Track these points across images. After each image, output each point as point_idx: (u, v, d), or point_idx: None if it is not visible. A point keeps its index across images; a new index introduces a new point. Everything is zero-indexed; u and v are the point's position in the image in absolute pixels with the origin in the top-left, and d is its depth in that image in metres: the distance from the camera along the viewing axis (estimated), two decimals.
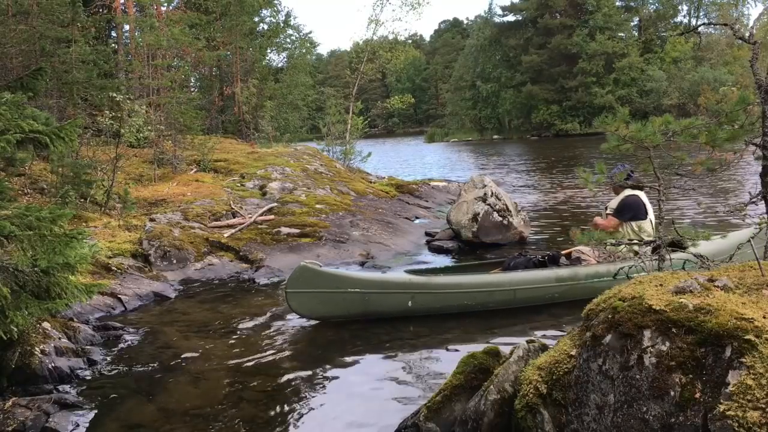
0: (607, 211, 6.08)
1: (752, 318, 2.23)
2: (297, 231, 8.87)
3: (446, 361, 4.45)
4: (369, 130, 22.95)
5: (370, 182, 14.66)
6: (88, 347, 4.95)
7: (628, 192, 5.86)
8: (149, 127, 13.02)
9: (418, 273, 6.02)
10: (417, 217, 11.34)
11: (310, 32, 63.79)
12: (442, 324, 5.45)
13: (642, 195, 5.89)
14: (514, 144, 47.03)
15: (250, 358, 4.79)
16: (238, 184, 11.80)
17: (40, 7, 11.72)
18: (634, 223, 5.81)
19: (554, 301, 5.67)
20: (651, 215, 5.85)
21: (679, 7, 55.98)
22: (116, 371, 4.64)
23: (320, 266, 5.60)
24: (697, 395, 2.19)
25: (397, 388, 4.13)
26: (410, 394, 4.01)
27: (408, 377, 4.32)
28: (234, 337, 5.34)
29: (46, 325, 4.74)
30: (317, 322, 5.63)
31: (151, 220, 8.77)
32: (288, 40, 28.70)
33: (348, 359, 4.74)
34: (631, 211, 5.82)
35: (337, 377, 4.39)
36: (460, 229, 8.72)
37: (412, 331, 5.31)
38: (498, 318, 5.51)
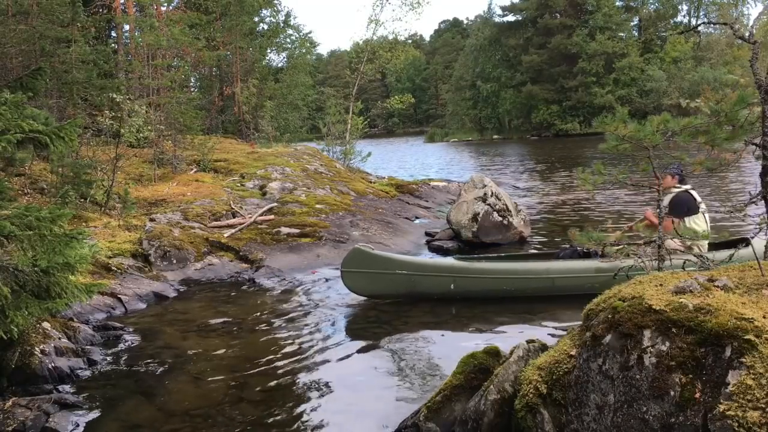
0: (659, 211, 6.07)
1: (752, 318, 2.23)
2: (297, 231, 8.86)
3: (446, 361, 4.45)
4: (369, 130, 22.94)
5: (370, 182, 14.65)
6: (88, 347, 4.95)
7: (677, 189, 5.86)
8: (149, 127, 13.01)
9: (463, 258, 6.36)
10: (417, 217, 11.33)
11: (310, 32, 63.66)
12: (443, 323, 5.45)
13: (691, 189, 5.89)
14: (514, 144, 47.03)
15: (250, 357, 4.79)
16: (238, 184, 11.80)
17: (40, 7, 11.72)
18: (688, 219, 5.79)
19: (594, 291, 5.68)
20: (704, 208, 5.84)
21: (679, 7, 55.98)
22: (116, 371, 4.64)
23: (372, 249, 6.27)
24: (697, 395, 2.19)
25: (397, 388, 4.13)
26: (410, 394, 4.01)
27: (408, 377, 4.32)
28: (234, 337, 5.34)
29: (46, 325, 4.74)
30: (317, 321, 5.64)
31: (151, 220, 8.77)
32: (288, 40, 28.71)
33: (348, 359, 4.73)
34: (684, 206, 5.80)
35: (337, 377, 4.38)
36: (460, 229, 8.72)
37: (412, 331, 5.30)
38: (499, 316, 5.51)
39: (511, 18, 61.04)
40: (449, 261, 6.27)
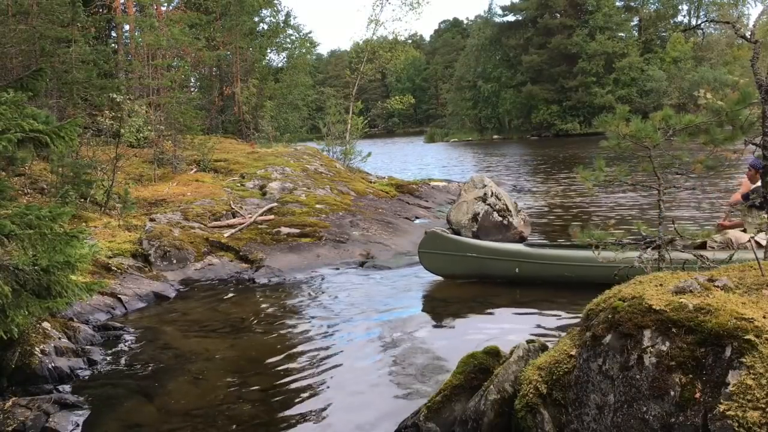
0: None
1: (752, 318, 2.23)
2: (297, 231, 8.87)
3: (446, 361, 4.45)
4: (369, 130, 22.94)
5: (370, 182, 14.65)
6: (88, 347, 4.95)
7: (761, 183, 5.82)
8: (149, 127, 13.02)
9: (531, 245, 6.76)
10: (417, 217, 11.34)
11: (310, 32, 63.61)
12: (442, 323, 5.46)
13: None
14: (514, 144, 47.03)
15: (250, 357, 4.79)
16: (238, 184, 11.80)
17: (40, 7, 11.71)
18: (759, 212, 5.73)
19: None
20: None
21: (679, 7, 56.01)
22: (116, 371, 4.64)
23: (446, 232, 6.92)
24: (697, 395, 2.19)
25: (396, 387, 4.13)
26: (410, 394, 4.01)
27: (408, 377, 4.32)
28: (234, 337, 5.34)
29: (46, 325, 4.74)
30: (316, 321, 5.64)
31: (151, 220, 8.77)
32: (288, 40, 28.65)
33: (347, 359, 4.73)
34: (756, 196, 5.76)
35: (336, 377, 4.38)
36: (460, 229, 8.73)
37: (412, 330, 5.31)
38: (499, 316, 5.52)
39: (511, 18, 61.08)
40: (517, 247, 6.67)
